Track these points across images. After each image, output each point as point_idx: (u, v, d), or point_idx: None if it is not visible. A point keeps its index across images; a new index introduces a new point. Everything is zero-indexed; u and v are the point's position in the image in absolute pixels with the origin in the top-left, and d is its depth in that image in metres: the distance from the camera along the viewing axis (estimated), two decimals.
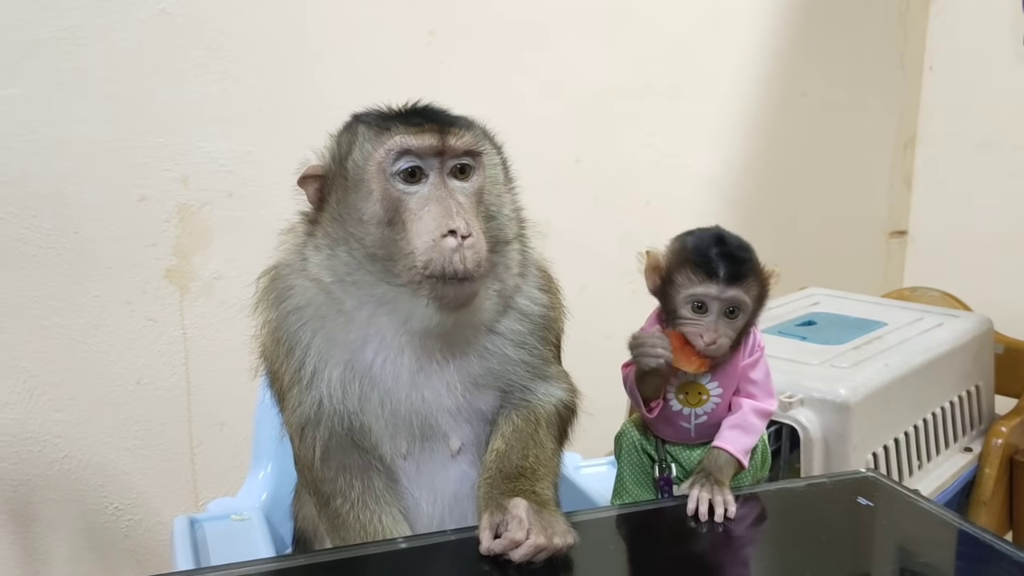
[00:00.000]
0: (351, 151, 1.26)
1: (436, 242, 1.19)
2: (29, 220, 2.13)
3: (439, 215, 1.20)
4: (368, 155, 1.24)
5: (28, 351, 2.19)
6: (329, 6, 2.46)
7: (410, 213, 1.22)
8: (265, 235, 1.43)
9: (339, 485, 1.33)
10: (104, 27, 2.16)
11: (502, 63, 2.78)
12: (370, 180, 1.24)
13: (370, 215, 1.23)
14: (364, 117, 1.31)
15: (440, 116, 1.27)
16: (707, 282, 1.42)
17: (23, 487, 2.24)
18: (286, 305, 1.32)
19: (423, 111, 1.29)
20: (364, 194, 1.24)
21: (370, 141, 1.25)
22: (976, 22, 3.76)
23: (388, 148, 1.23)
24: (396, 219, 1.22)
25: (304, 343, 1.31)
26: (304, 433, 1.32)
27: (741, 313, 1.43)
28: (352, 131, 1.29)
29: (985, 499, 2.52)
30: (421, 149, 1.23)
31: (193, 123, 2.30)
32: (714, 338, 1.41)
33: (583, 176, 3.01)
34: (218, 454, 2.45)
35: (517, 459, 1.32)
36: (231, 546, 1.61)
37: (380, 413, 1.31)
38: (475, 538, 1.24)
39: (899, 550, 1.40)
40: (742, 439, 1.45)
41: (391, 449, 1.33)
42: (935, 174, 3.98)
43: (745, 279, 1.43)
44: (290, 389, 1.32)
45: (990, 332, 2.73)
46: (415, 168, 1.23)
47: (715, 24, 3.28)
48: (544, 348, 1.39)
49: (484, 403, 1.36)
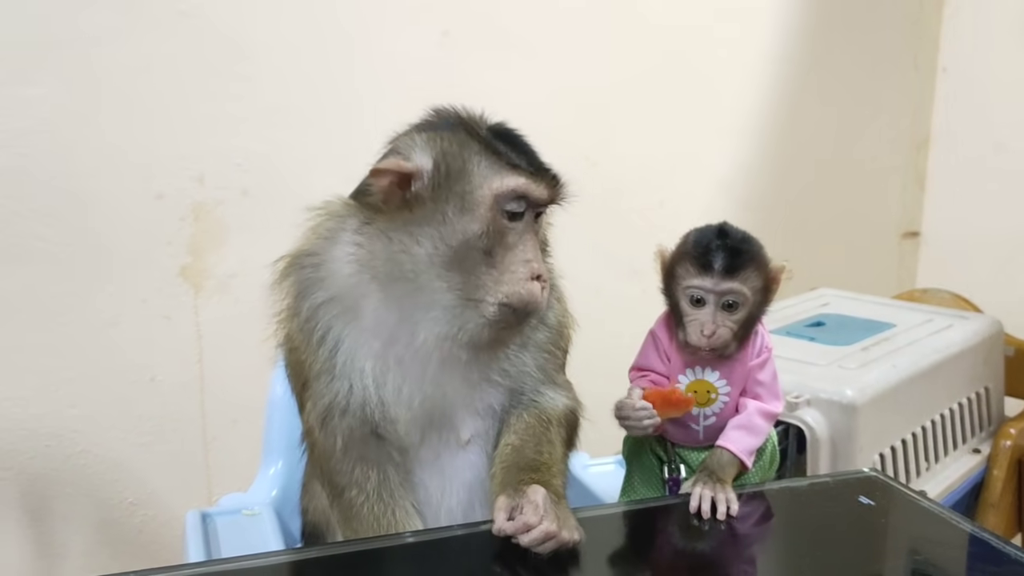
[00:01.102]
0: (464, 168, 1.29)
1: (524, 282, 1.29)
2: (47, 218, 2.17)
3: (530, 257, 1.31)
4: (485, 183, 1.29)
5: (45, 347, 2.22)
6: (343, 6, 2.49)
7: (506, 247, 1.30)
8: (279, 234, 1.44)
9: (356, 476, 1.35)
10: (123, 28, 2.19)
11: (515, 63, 2.80)
12: (481, 205, 1.28)
13: (471, 235, 1.28)
14: (474, 134, 1.32)
15: (541, 160, 1.35)
16: (703, 274, 1.44)
17: (39, 481, 2.27)
18: (319, 294, 1.33)
19: (527, 148, 1.35)
20: (470, 215, 1.28)
21: (490, 171, 1.30)
22: (990, 23, 3.75)
23: (511, 189, 1.29)
24: (494, 248, 1.29)
25: (336, 332, 1.33)
26: (327, 422, 1.34)
27: (740, 306, 1.44)
28: (463, 147, 1.31)
29: (993, 501, 2.52)
30: (537, 200, 1.32)
31: (209, 122, 2.33)
32: (713, 330, 1.42)
33: (595, 177, 3.01)
34: (230, 450, 2.47)
35: (532, 453, 1.36)
36: (242, 540, 1.63)
37: (407, 404, 1.34)
38: (482, 533, 1.26)
39: (898, 549, 1.41)
40: (746, 440, 1.46)
41: (409, 439, 1.36)
42: (948, 175, 3.96)
43: (742, 271, 1.43)
44: (317, 378, 1.34)
45: (1000, 334, 2.73)
46: (521, 212, 1.31)
47: (728, 24, 3.28)
48: (555, 355, 1.44)
49: (495, 400, 1.41)
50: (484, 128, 1.33)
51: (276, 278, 1.38)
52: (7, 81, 2.09)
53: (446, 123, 1.34)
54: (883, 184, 3.95)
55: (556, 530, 1.21)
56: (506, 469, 1.34)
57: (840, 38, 3.64)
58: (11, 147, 2.11)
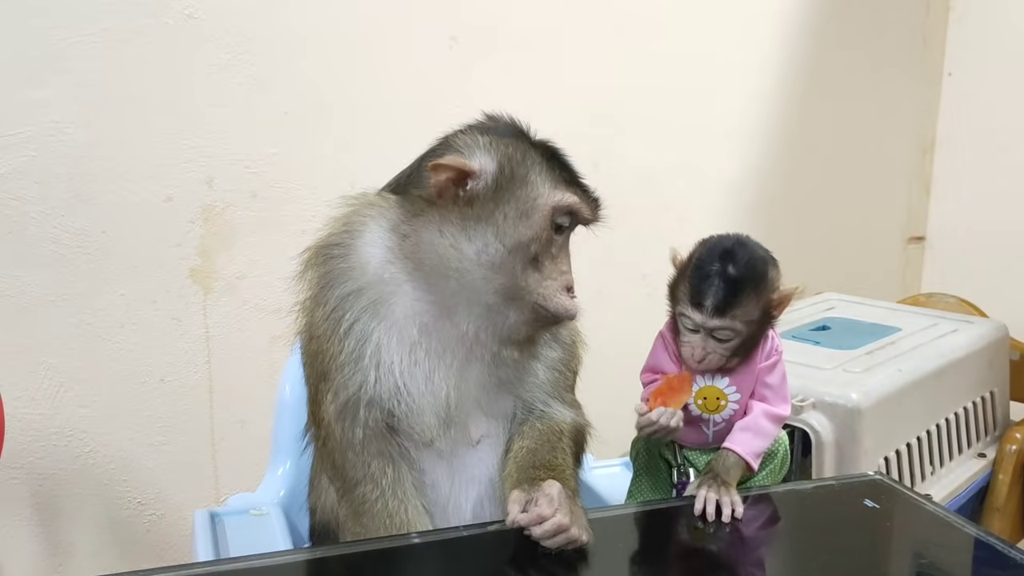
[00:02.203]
0: (527, 177, 1.34)
1: (560, 290, 1.35)
2: (57, 220, 2.18)
3: (567, 269, 1.38)
4: (543, 196, 1.34)
5: (55, 348, 2.24)
6: (353, 11, 2.50)
7: (550, 257, 1.36)
8: (288, 235, 1.45)
9: (372, 470, 1.36)
10: (132, 31, 2.20)
11: (523, 68, 2.81)
12: (536, 214, 1.33)
13: (524, 240, 1.32)
14: (536, 146, 1.38)
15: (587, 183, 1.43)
16: (695, 308, 1.44)
17: (49, 481, 2.29)
18: (347, 284, 1.34)
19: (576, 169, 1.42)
20: (526, 222, 1.33)
21: (548, 185, 1.35)
22: (995, 28, 3.75)
23: (567, 205, 1.35)
24: (540, 254, 1.34)
25: (364, 323, 1.33)
26: (346, 414, 1.35)
27: (735, 336, 1.44)
28: (524, 156, 1.35)
29: (999, 505, 2.53)
30: (584, 218, 1.39)
31: (218, 125, 2.34)
32: (702, 356, 1.44)
33: (601, 181, 3.01)
34: (239, 450, 2.48)
35: (547, 456, 1.39)
36: (250, 540, 1.64)
37: (432, 396, 1.35)
38: (491, 534, 1.28)
39: (903, 553, 1.42)
40: (752, 442, 1.47)
41: (423, 436, 1.37)
42: (954, 180, 3.97)
43: (735, 308, 1.42)
44: (341, 369, 1.34)
45: (1006, 339, 2.73)
46: (569, 225, 1.38)
47: (735, 29, 3.29)
48: (566, 375, 1.48)
49: (507, 404, 1.44)
50: (539, 142, 1.39)
51: (301, 268, 1.39)
52: (18, 84, 2.10)
53: (507, 130, 1.39)
54: (889, 188, 3.96)
55: (568, 523, 1.23)
56: (521, 468, 1.37)
57: (846, 43, 3.64)
58: (21, 149, 2.12)
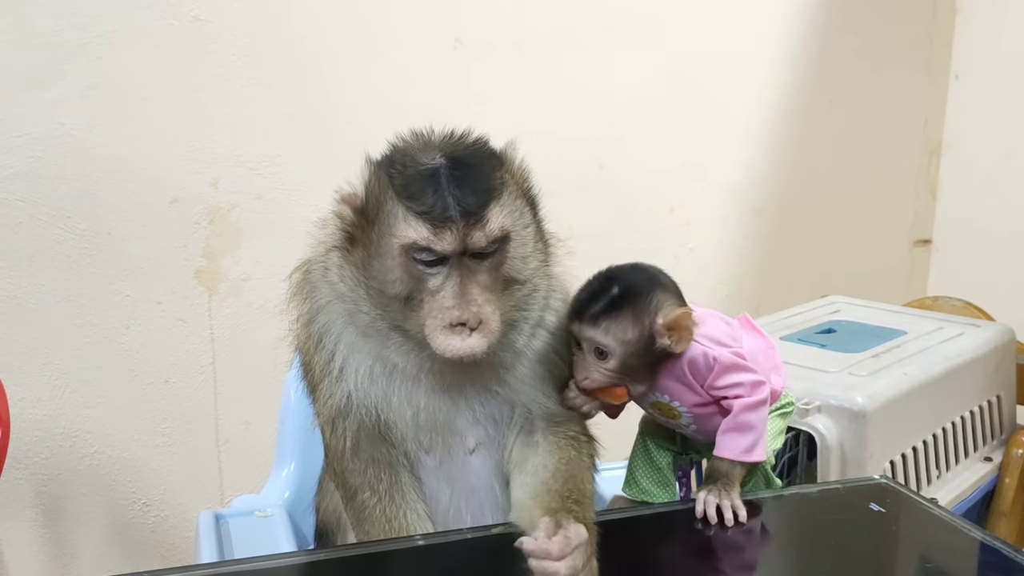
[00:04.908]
0: (380, 211, 1.24)
1: (446, 329, 1.22)
2: (64, 221, 2.19)
3: (451, 304, 1.22)
4: (393, 231, 1.23)
5: (61, 349, 2.24)
6: (358, 14, 2.50)
7: (427, 294, 1.23)
8: (293, 237, 1.45)
9: (368, 478, 1.36)
10: (139, 33, 2.21)
11: (526, 70, 2.81)
12: (393, 252, 1.23)
13: (390, 283, 1.25)
14: (394, 175, 1.25)
15: (469, 201, 1.21)
16: (573, 319, 1.40)
17: (54, 481, 2.29)
18: (318, 300, 1.35)
19: (454, 188, 1.21)
20: (387, 263, 1.24)
21: (396, 218, 1.22)
22: (1002, 31, 3.74)
23: (412, 241, 1.21)
24: (414, 295, 1.24)
25: (334, 337, 1.34)
26: (335, 424, 1.35)
27: (611, 356, 1.39)
28: (382, 187, 1.25)
29: (1005, 509, 2.52)
30: (442, 251, 1.21)
31: (224, 127, 2.35)
32: (584, 375, 1.40)
33: (606, 183, 3.02)
34: (243, 452, 2.49)
35: (572, 480, 1.35)
36: (254, 541, 1.65)
37: (404, 410, 1.35)
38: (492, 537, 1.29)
39: (909, 557, 1.41)
40: (738, 440, 1.43)
41: (414, 444, 1.37)
42: (960, 183, 3.96)
43: (603, 322, 1.38)
44: (321, 381, 1.35)
45: (1012, 342, 2.73)
46: (435, 259, 1.23)
47: (740, 32, 3.29)
48: (557, 363, 1.42)
49: (495, 409, 1.40)
50: (423, 163, 1.24)
51: (290, 286, 1.40)
52: (24, 86, 2.11)
53: (384, 157, 1.30)
54: (895, 191, 3.95)
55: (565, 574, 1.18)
56: (549, 492, 1.33)
57: (852, 45, 3.64)
58: (28, 151, 2.13)
